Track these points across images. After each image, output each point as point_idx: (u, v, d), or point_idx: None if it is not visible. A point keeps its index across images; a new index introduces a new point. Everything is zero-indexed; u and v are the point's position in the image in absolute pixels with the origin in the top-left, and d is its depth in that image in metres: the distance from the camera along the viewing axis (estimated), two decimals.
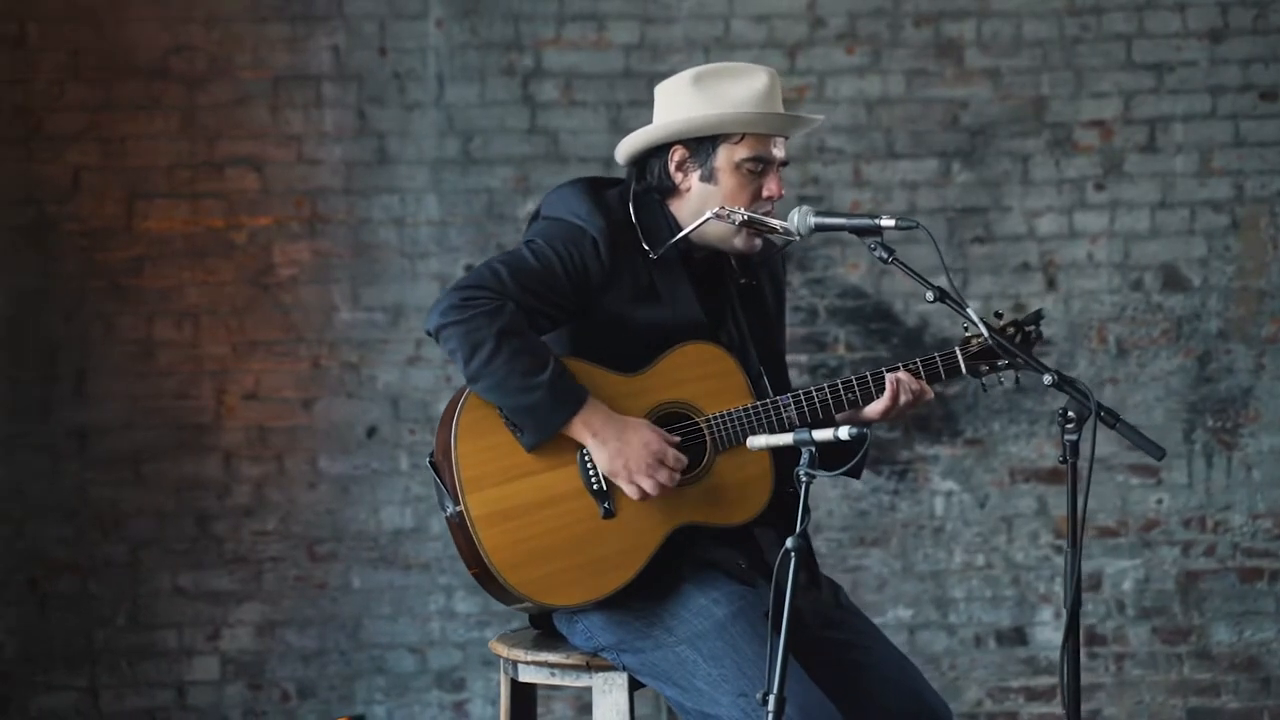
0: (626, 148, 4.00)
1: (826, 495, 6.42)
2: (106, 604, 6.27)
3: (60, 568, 6.25)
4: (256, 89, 6.29)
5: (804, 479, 3.51)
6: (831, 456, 3.63)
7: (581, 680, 3.92)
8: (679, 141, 3.94)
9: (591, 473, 3.83)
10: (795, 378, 6.29)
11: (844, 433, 3.50)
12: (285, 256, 6.30)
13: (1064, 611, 6.36)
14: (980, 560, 6.47)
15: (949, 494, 6.47)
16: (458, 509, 3.80)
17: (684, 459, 3.83)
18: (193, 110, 6.27)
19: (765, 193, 3.95)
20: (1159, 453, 3.71)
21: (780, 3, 6.40)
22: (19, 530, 6.23)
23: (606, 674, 3.89)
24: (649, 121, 4.00)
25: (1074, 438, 3.70)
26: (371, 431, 6.33)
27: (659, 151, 3.97)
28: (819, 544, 6.40)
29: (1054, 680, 6.41)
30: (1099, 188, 6.47)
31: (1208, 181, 6.47)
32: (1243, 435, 6.48)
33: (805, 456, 3.52)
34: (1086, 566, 6.48)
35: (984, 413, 6.44)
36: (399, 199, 6.34)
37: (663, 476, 3.80)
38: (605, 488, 3.83)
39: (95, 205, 6.24)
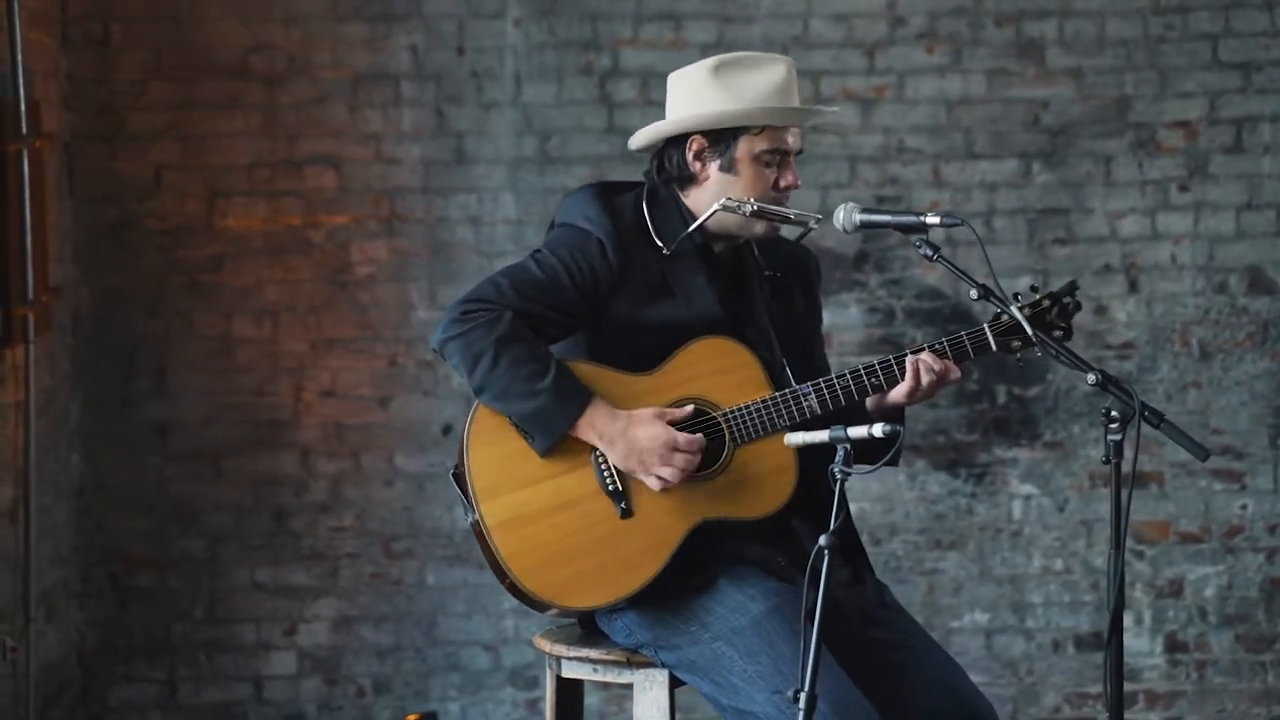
0: (644, 137, 4.00)
1: (903, 498, 6.38)
2: (185, 598, 6.33)
3: (140, 562, 6.32)
4: (335, 88, 6.33)
5: (839, 476, 3.49)
6: (867, 451, 3.60)
7: (623, 676, 3.92)
8: (698, 131, 3.93)
9: (606, 473, 3.83)
10: None
11: (878, 430, 3.48)
12: (363, 255, 6.34)
13: (1146, 618, 6.33)
14: (1059, 565, 6.41)
15: (1027, 497, 6.41)
16: (475, 518, 3.83)
17: (697, 439, 3.80)
18: (272, 109, 6.32)
19: (784, 183, 3.94)
20: (1203, 454, 3.66)
21: (860, 2, 6.36)
22: (99, 524, 6.31)
23: (647, 670, 3.89)
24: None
25: (1118, 437, 3.66)
26: (447, 429, 6.35)
27: (676, 141, 3.96)
28: (895, 546, 6.37)
29: (1134, 686, 6.34)
30: (1183, 189, 6.39)
31: None
32: None
33: (840, 454, 3.50)
34: (1168, 573, 6.40)
35: (1064, 415, 6.38)
36: (476, 198, 6.36)
37: (680, 461, 3.78)
38: (620, 487, 3.82)
39: (176, 203, 6.31)
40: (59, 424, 6.17)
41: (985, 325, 3.89)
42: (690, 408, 3.83)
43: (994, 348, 3.90)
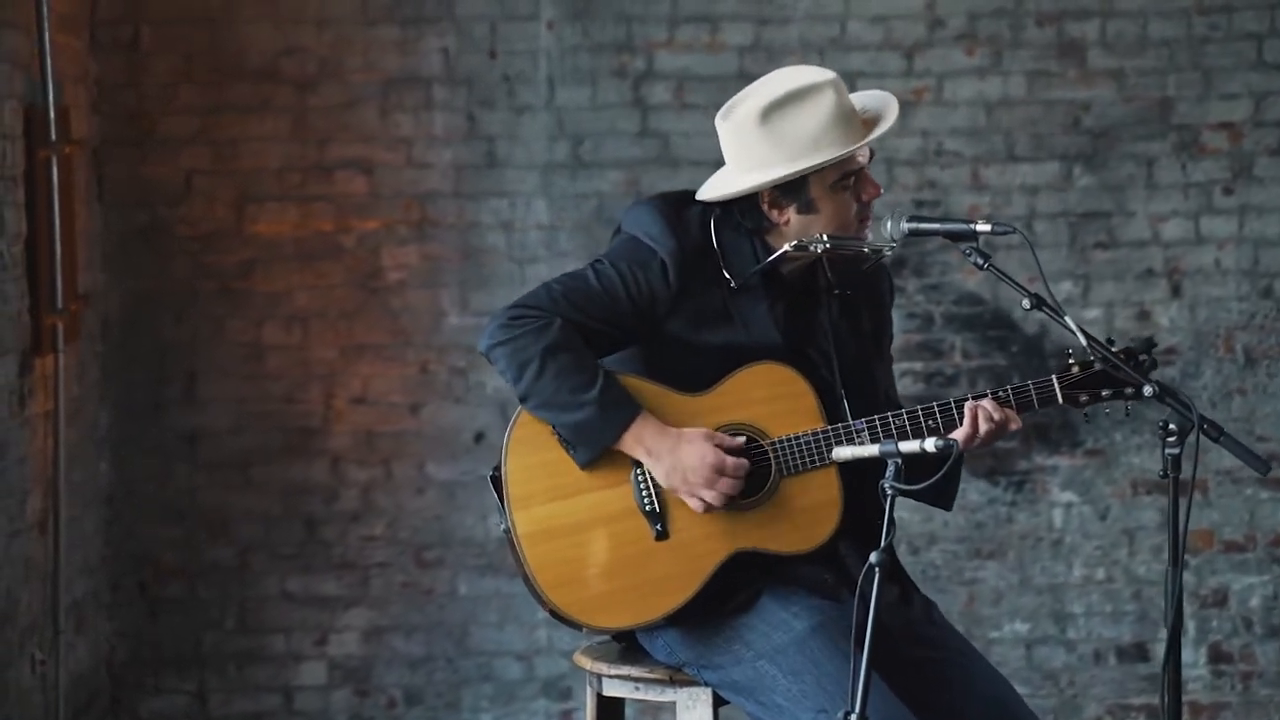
0: (709, 196, 3.85)
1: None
2: (215, 607, 6.27)
3: (169, 571, 6.26)
4: (367, 92, 6.26)
5: (889, 493, 3.40)
6: (920, 474, 3.50)
7: (666, 695, 3.84)
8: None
9: (644, 493, 3.74)
10: (909, 386, 6.16)
11: (930, 444, 3.38)
12: (394, 260, 6.27)
13: (1191, 629, 6.23)
14: (1101, 574, 6.32)
15: (1068, 505, 6.32)
16: (506, 525, 3.76)
17: (745, 464, 3.71)
18: (303, 113, 6.25)
19: (865, 197, 3.83)
20: (1264, 468, 3.57)
21: (898, 3, 6.27)
22: (129, 533, 6.25)
23: (690, 689, 3.80)
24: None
25: (1176, 451, 3.58)
26: (479, 437, 6.28)
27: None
28: (934, 555, 6.28)
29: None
30: (1227, 192, 6.30)
31: None
32: None
33: (890, 469, 3.41)
34: (1212, 582, 6.31)
35: (1105, 423, 6.28)
36: (508, 203, 6.29)
37: (725, 486, 3.69)
38: (658, 509, 3.73)
39: (206, 208, 6.24)
40: (88, 432, 6.11)
41: (1054, 377, 3.79)
42: (742, 439, 3.74)
43: (1060, 400, 3.80)
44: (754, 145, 3.79)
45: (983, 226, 3.71)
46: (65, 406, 5.76)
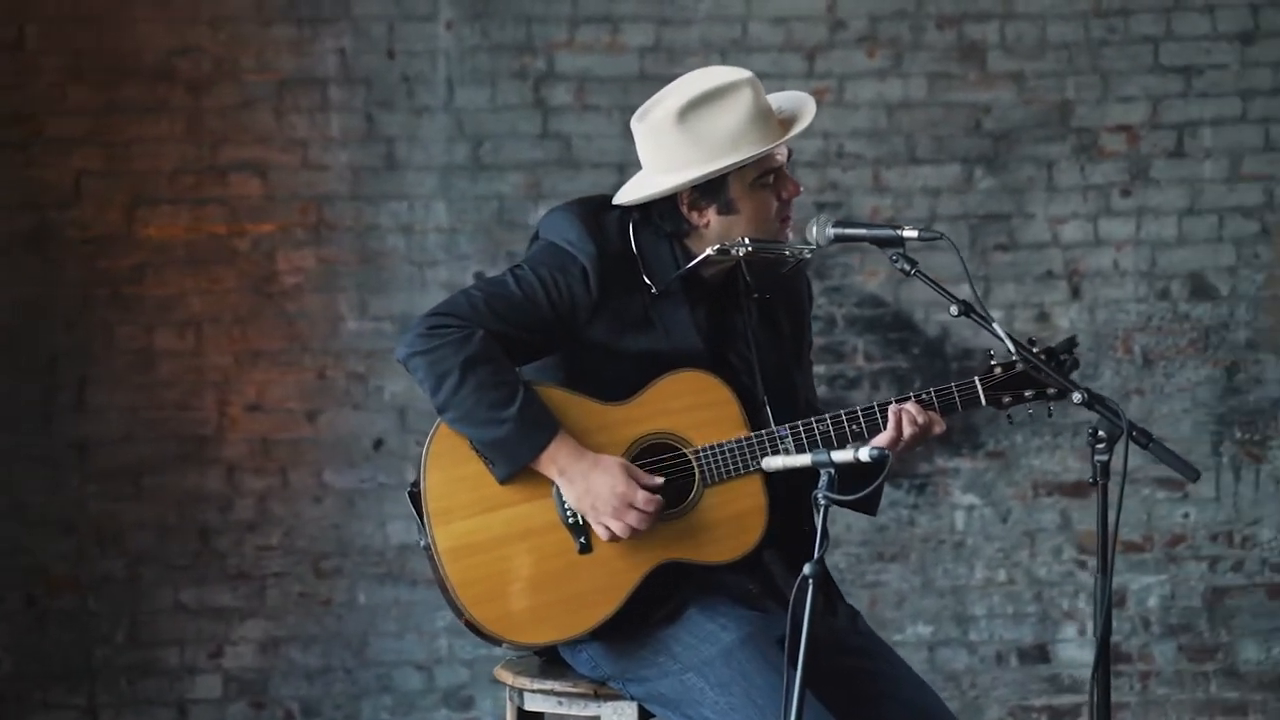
0: (626, 199, 3.80)
1: (845, 510, 6.26)
2: (106, 620, 6.12)
3: (59, 583, 6.11)
4: (261, 92, 6.15)
5: (822, 503, 3.36)
6: (850, 481, 3.47)
7: (590, 709, 3.78)
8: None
9: (567, 506, 3.68)
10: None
11: (864, 454, 3.34)
12: (290, 264, 6.16)
13: (1089, 629, 6.25)
14: (1002, 576, 6.32)
15: (970, 508, 6.32)
16: (426, 541, 3.68)
17: (658, 500, 3.65)
18: (197, 114, 6.13)
19: (785, 196, 3.79)
20: (1193, 474, 3.56)
21: (799, 4, 6.24)
22: (17, 544, 6.09)
23: (615, 703, 3.75)
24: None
25: (1105, 458, 3.55)
26: (378, 444, 6.19)
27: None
28: (837, 559, 6.26)
29: (1078, 699, 6.28)
30: (1125, 194, 6.32)
31: (1237, 187, 6.32)
32: (1272, 448, 6.33)
33: (824, 479, 3.37)
34: (1112, 582, 6.31)
35: (1006, 425, 6.28)
36: (407, 205, 6.19)
37: (632, 519, 3.63)
38: (581, 522, 3.67)
39: (97, 211, 6.10)
40: None
41: (976, 379, 3.77)
42: (660, 480, 3.67)
43: (984, 402, 3.78)
44: (672, 146, 3.73)
45: (909, 232, 3.69)
46: None
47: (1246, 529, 6.34)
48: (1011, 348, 3.65)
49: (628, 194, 3.81)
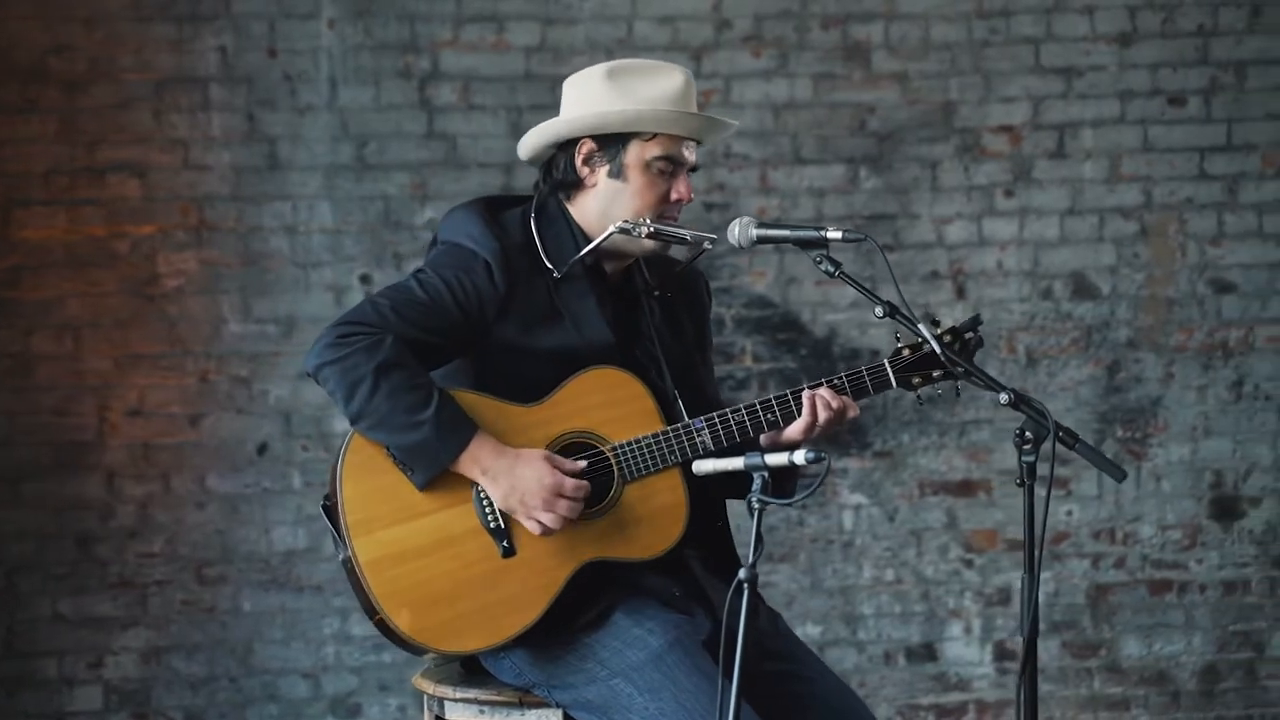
0: (532, 141, 3.83)
1: (733, 510, 6.24)
2: None
3: None
4: (140, 91, 6.03)
5: (756, 506, 3.33)
6: (780, 480, 3.46)
7: (514, 718, 3.73)
8: (588, 135, 3.75)
9: (488, 510, 3.63)
10: None
11: (799, 457, 3.32)
12: (171, 266, 6.05)
13: (975, 628, 6.29)
14: (889, 575, 6.34)
15: (858, 508, 6.33)
16: (347, 554, 3.61)
17: (585, 485, 3.63)
18: (72, 114, 6.00)
19: (674, 195, 3.79)
20: (1120, 474, 3.57)
21: (685, 4, 6.22)
22: None
23: (540, 711, 3.71)
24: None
25: (1031, 459, 3.55)
26: (262, 448, 6.09)
27: (566, 146, 3.79)
28: None
29: (964, 697, 6.31)
30: (1008, 194, 6.36)
31: (1116, 188, 6.38)
32: (1152, 445, 6.39)
33: (757, 482, 3.34)
34: (996, 581, 6.37)
35: (893, 424, 6.31)
36: (290, 206, 6.10)
37: (563, 508, 3.60)
38: (503, 525, 3.63)
39: None
40: None
41: (886, 361, 3.77)
42: (583, 463, 3.65)
43: (894, 384, 3.78)
44: (595, 93, 3.77)
45: (834, 234, 3.68)
46: None
47: (1128, 526, 6.40)
48: (939, 350, 3.65)
49: (535, 133, 3.81)
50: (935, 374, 3.79)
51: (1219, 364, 6.40)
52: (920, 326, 3.64)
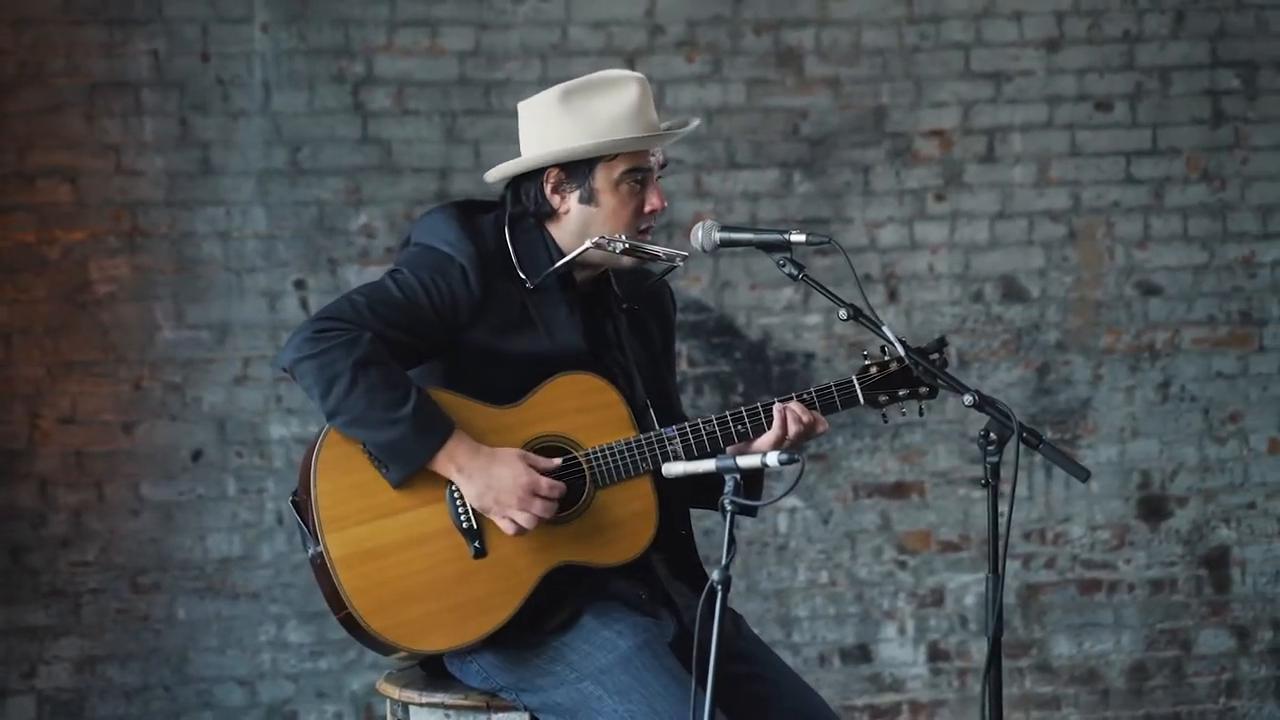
0: (498, 175, 3.83)
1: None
2: None
3: None
4: (71, 96, 5.96)
5: (729, 508, 3.35)
6: (749, 485, 3.48)
7: None
8: (553, 165, 3.76)
9: (461, 510, 3.63)
10: None
11: (773, 459, 3.34)
12: (103, 272, 5.99)
13: (909, 629, 6.32)
14: (824, 578, 6.37)
15: (792, 510, 6.36)
16: (318, 550, 3.60)
17: (560, 485, 3.64)
18: (1, 118, 5.92)
19: (648, 207, 3.81)
20: (1083, 474, 3.61)
21: (619, 9, 6.23)
22: None
23: (507, 714, 3.71)
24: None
25: (995, 459, 3.59)
26: (197, 455, 6.04)
27: (532, 175, 3.78)
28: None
29: (898, 697, 6.35)
30: (939, 198, 6.41)
31: (1045, 192, 6.44)
32: (1081, 447, 6.46)
33: (730, 485, 3.36)
34: (930, 582, 6.41)
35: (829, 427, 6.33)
36: (224, 211, 6.05)
37: (537, 508, 3.61)
38: (476, 525, 3.63)
39: None
40: None
41: (854, 378, 3.80)
42: (558, 461, 3.66)
43: (862, 401, 3.81)
44: (552, 122, 3.75)
45: (797, 237, 3.71)
46: None
47: (1058, 526, 6.47)
48: (903, 353, 3.69)
49: (499, 170, 3.81)
50: (900, 392, 3.84)
51: (1146, 366, 6.48)
52: (885, 330, 3.66)
